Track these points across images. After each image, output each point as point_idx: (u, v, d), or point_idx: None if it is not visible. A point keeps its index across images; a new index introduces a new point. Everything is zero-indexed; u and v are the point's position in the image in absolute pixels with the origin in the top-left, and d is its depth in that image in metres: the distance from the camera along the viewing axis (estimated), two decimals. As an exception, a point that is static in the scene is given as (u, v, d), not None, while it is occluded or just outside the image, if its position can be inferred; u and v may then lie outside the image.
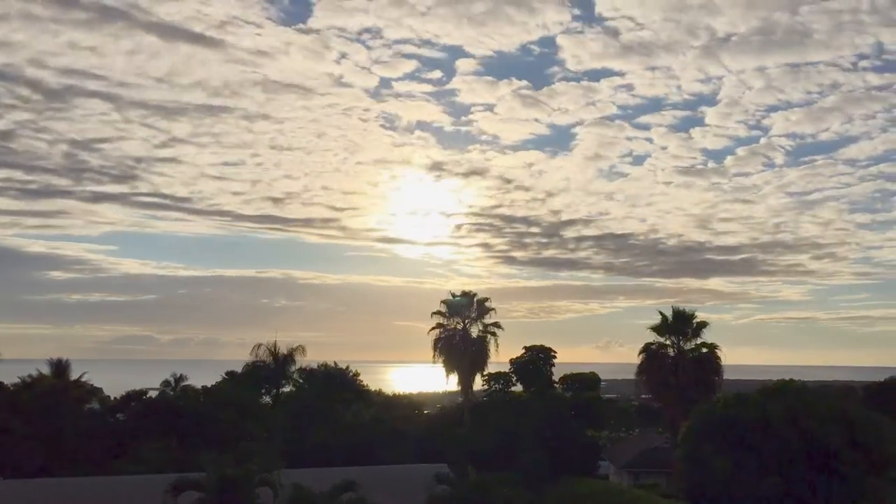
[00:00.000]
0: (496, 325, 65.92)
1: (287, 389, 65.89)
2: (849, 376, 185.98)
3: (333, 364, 71.81)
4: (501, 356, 68.75)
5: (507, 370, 74.28)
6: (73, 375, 58.30)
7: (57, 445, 49.57)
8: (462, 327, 65.63)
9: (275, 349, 63.06)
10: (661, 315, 56.46)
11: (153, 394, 63.17)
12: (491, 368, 70.52)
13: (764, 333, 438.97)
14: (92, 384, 60.68)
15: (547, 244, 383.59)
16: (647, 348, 56.13)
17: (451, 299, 65.96)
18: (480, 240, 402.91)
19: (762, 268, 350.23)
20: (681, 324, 55.83)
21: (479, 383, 71.35)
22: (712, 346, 55.31)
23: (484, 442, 55.65)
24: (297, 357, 63.99)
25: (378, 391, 78.80)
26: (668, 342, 56.01)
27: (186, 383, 64.22)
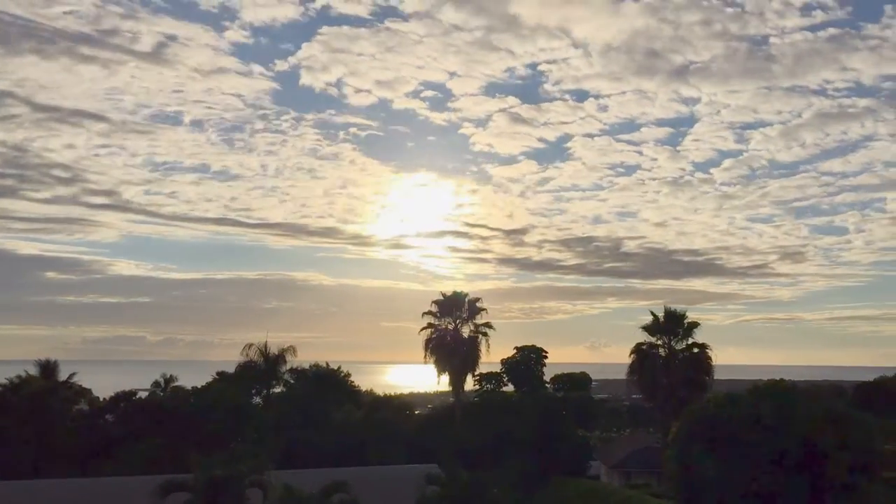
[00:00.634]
0: (487, 326, 65.89)
1: (278, 390, 65.61)
2: (827, 375, 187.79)
3: (325, 364, 71.63)
4: (493, 356, 68.75)
5: (499, 370, 74.28)
6: (63, 376, 58.01)
7: (45, 447, 49.25)
8: (453, 327, 65.53)
9: (265, 350, 62.74)
10: (653, 315, 56.46)
11: (143, 395, 62.82)
12: (482, 369, 70.50)
13: (748, 334, 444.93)
14: (81, 385, 60.29)
15: (539, 246, 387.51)
16: (639, 348, 56.08)
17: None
18: (473, 244, 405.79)
19: (745, 271, 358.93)
20: (672, 324, 55.81)
21: (471, 383, 71.29)
22: (703, 346, 55.35)
23: (475, 442, 55.59)
24: (288, 357, 63.71)
25: (369, 391, 78.63)
26: (660, 342, 56.01)
27: (176, 384, 63.89)
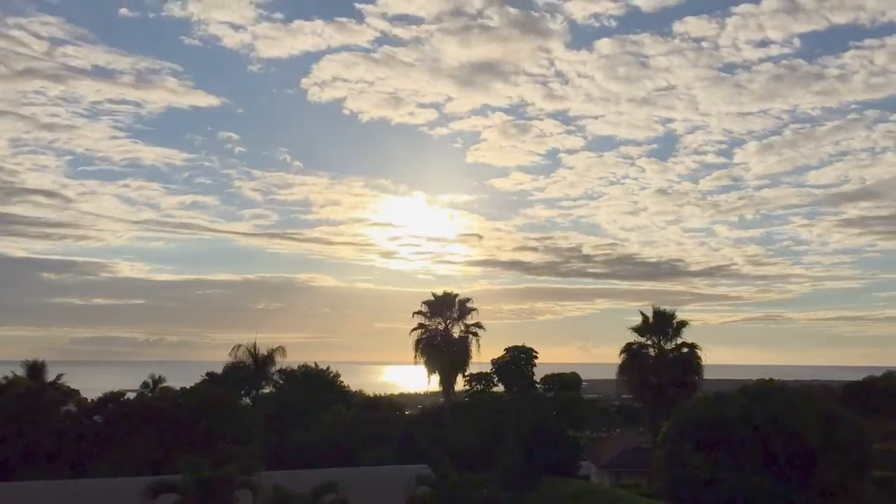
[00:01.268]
0: (478, 326, 65.73)
1: (267, 391, 65.34)
2: (809, 375, 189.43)
3: (314, 365, 71.39)
4: (483, 357, 68.62)
5: (489, 371, 74.15)
6: (50, 377, 57.55)
7: (32, 448, 48.79)
8: (444, 328, 65.38)
9: (254, 350, 62.46)
10: (642, 315, 56.58)
11: (131, 395, 62.40)
12: (473, 369, 70.33)
13: (734, 335, 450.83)
14: (68, 386, 59.82)
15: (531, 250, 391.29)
16: (629, 348, 56.19)
17: (443, 295, 65.48)
18: (466, 246, 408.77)
19: (731, 274, 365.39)
20: (661, 324, 55.93)
21: (461, 384, 71.12)
22: (692, 346, 55.48)
23: (465, 442, 55.43)
24: (278, 358, 63.46)
25: (359, 392, 78.45)
26: (649, 342, 56.12)
27: (165, 385, 63.49)
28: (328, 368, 72.69)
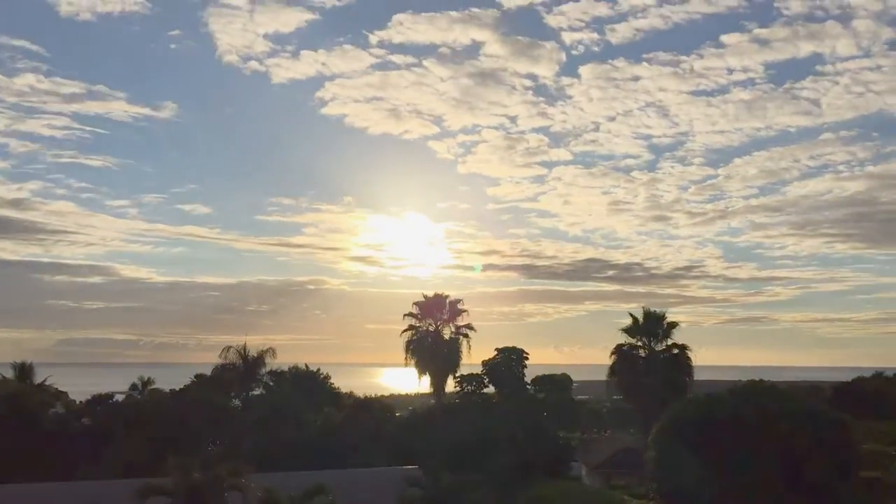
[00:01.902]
0: (468, 327, 65.64)
1: (257, 392, 65.04)
2: (794, 376, 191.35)
3: (304, 366, 71.13)
4: (474, 358, 68.54)
5: (480, 372, 74.09)
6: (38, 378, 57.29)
7: (19, 451, 48.42)
8: (434, 329, 65.27)
9: (244, 352, 62.14)
10: (632, 317, 56.67)
11: (120, 397, 62.13)
12: (463, 370, 70.23)
13: (722, 336, 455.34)
14: (56, 388, 59.52)
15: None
16: (619, 349, 56.30)
17: (434, 296, 65.44)
18: (457, 247, 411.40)
19: (717, 277, 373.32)
20: (652, 325, 56.07)
21: (452, 385, 71.05)
22: (683, 347, 55.64)
23: (456, 444, 55.34)
24: (268, 359, 63.14)
25: (349, 393, 78.18)
26: (640, 343, 56.25)
27: (154, 387, 63.22)
28: (318, 370, 72.45)
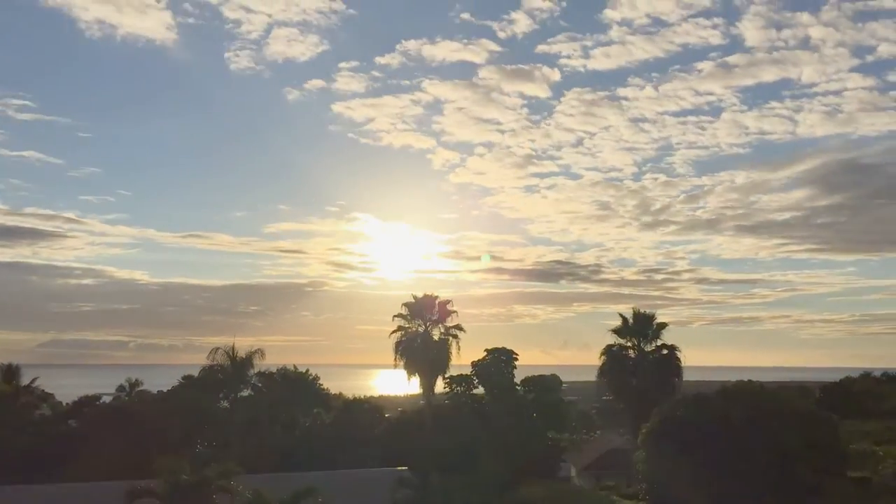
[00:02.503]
0: (458, 328, 65.57)
1: (245, 393, 64.70)
2: (782, 377, 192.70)
3: (293, 367, 70.86)
4: (464, 359, 68.41)
5: (469, 373, 73.95)
6: (25, 381, 56.82)
7: (5, 453, 48.01)
8: (423, 330, 65.17)
9: (233, 353, 61.77)
10: (621, 317, 56.71)
11: (107, 399, 61.71)
12: (453, 371, 70.10)
13: (708, 337, 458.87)
14: (43, 389, 59.08)
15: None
16: (609, 350, 56.32)
17: (423, 297, 65.26)
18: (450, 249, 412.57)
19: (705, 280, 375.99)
20: (641, 326, 56.10)
21: (441, 386, 70.95)
22: (672, 348, 55.69)
23: (446, 445, 55.26)
24: (256, 361, 62.73)
25: (339, 395, 78.00)
26: (629, 344, 56.28)
27: (142, 388, 62.85)
28: (307, 371, 72.19)
